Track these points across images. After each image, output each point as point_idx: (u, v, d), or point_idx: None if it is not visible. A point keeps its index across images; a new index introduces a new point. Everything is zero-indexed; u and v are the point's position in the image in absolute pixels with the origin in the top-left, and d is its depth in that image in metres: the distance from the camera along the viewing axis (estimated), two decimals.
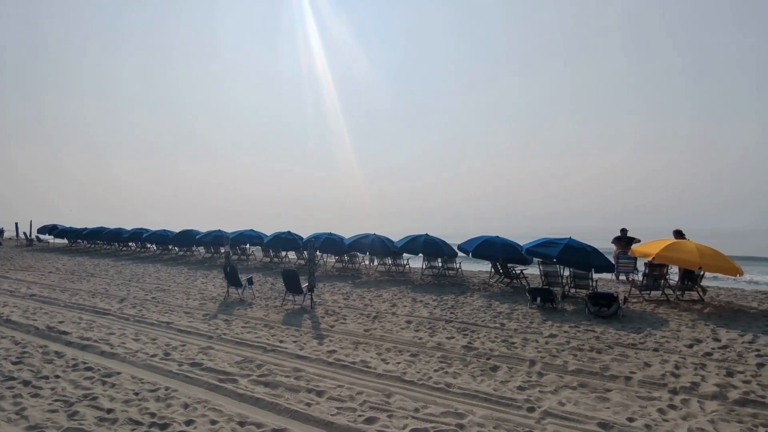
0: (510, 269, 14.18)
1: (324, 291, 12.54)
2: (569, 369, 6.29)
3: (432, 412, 4.85)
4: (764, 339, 7.88)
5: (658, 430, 4.49)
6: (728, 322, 9.17)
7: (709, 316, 9.74)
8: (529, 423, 4.61)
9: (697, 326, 8.74)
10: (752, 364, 6.51)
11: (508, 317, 9.42)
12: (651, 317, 9.56)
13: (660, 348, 7.29)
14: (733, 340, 7.80)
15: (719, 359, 6.74)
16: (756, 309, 10.60)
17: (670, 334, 8.16)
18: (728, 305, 11.03)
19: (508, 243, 13.97)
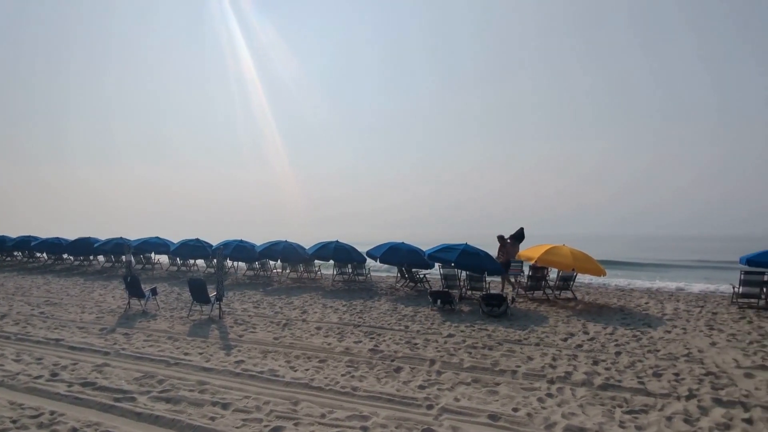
0: (414, 274, 14.58)
1: (234, 300, 12.07)
2: (464, 366, 6.53)
3: (338, 416, 4.81)
4: (621, 330, 8.75)
5: (537, 417, 4.80)
6: (595, 317, 10.07)
7: (580, 312, 10.63)
8: (428, 420, 4.74)
9: (570, 321, 9.50)
10: (612, 353, 7.18)
11: (411, 319, 9.63)
12: (534, 315, 10.23)
13: (541, 343, 7.80)
14: (598, 332, 8.56)
15: (587, 350, 7.35)
16: (616, 304, 11.76)
17: (549, 329, 8.78)
18: (595, 302, 12.12)
19: (413, 249, 14.26)
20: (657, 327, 9.01)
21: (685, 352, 7.24)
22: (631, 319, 9.82)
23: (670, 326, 9.08)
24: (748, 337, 8.15)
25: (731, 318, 9.86)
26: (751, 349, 7.36)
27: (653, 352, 7.20)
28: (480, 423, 4.68)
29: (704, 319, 9.78)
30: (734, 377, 6.06)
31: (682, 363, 6.66)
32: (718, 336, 8.26)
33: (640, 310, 10.92)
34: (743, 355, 7.05)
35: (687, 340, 7.96)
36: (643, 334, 8.42)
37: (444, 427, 4.57)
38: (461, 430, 4.51)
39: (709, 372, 6.26)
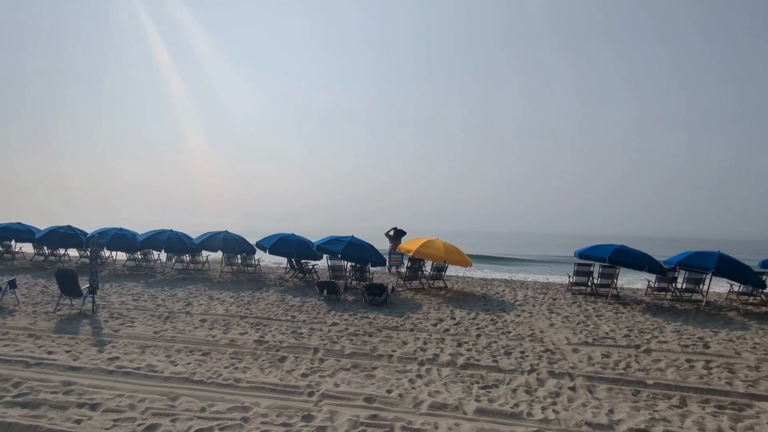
0: (303, 265, 14.50)
1: (111, 292, 11.04)
2: (346, 353, 6.70)
3: (219, 409, 4.69)
4: (482, 315, 9.55)
5: (408, 396, 5.11)
6: (462, 303, 10.86)
7: (450, 299, 11.40)
8: (308, 407, 4.81)
9: (441, 308, 10.15)
10: (473, 336, 7.84)
11: (299, 310, 9.59)
12: (411, 303, 10.75)
13: (414, 328, 8.24)
14: (463, 317, 9.26)
15: (453, 333, 7.94)
16: (479, 292, 12.77)
17: (423, 316, 9.31)
18: (462, 290, 13.06)
19: (302, 240, 14.12)
20: (510, 311, 10.01)
21: (530, 332, 8.16)
22: (491, 305, 10.78)
23: (520, 311, 10.14)
24: (577, 319, 9.42)
25: (566, 303, 11.27)
26: (578, 329, 8.52)
27: (506, 334, 8.00)
28: (356, 406, 4.87)
29: (546, 304, 11.06)
30: (565, 352, 6.98)
31: (527, 342, 7.50)
32: (556, 318, 9.43)
33: (498, 297, 12.02)
34: (573, 334, 8.14)
35: (532, 322, 8.96)
36: (499, 318, 9.31)
37: (323, 412, 4.69)
38: (338, 413, 4.66)
39: (547, 349, 7.13)
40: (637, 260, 11.46)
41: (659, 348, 7.35)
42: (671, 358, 6.80)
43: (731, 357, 7.00)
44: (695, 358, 6.87)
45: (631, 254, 11.68)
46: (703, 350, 7.32)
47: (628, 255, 11.65)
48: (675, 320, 9.55)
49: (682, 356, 6.94)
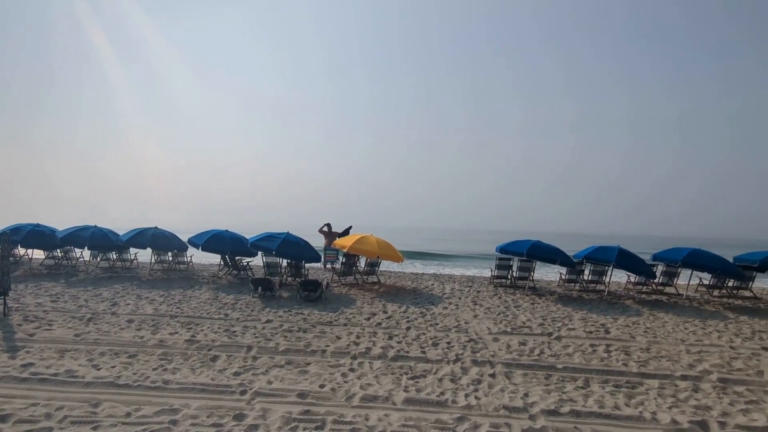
0: (237, 261, 14.04)
1: (25, 293, 10.07)
2: (280, 350, 6.58)
3: (145, 413, 4.43)
4: (412, 308, 9.75)
5: (340, 390, 5.12)
6: (393, 298, 11.03)
7: (382, 294, 11.54)
8: (241, 405, 4.69)
9: (374, 303, 10.26)
10: (404, 328, 7.98)
11: (232, 307, 9.29)
12: (345, 298, 10.76)
13: (348, 323, 8.26)
14: (394, 311, 9.40)
15: (385, 327, 8.04)
16: (410, 286, 13.03)
17: (356, 310, 9.35)
18: (394, 285, 13.26)
19: (236, 237, 13.63)
20: (438, 304, 10.31)
21: (456, 323, 8.44)
22: (420, 298, 11.04)
23: (447, 303, 10.46)
24: (498, 310, 9.86)
25: (489, 295, 11.77)
26: (499, 319, 8.94)
27: (434, 326, 8.23)
28: (289, 402, 4.81)
29: (471, 296, 11.48)
30: (486, 341, 7.30)
31: (453, 333, 7.76)
32: (479, 309, 9.82)
33: (427, 291, 12.32)
34: (494, 324, 8.52)
35: (458, 314, 9.28)
36: (428, 310, 9.56)
37: (255, 410, 4.59)
38: (271, 410, 4.58)
39: (471, 339, 7.42)
40: (551, 254, 12.20)
41: (568, 335, 7.90)
42: (578, 344, 7.33)
43: (627, 341, 7.67)
44: (598, 342, 7.46)
45: (546, 249, 12.40)
46: (604, 335, 7.95)
47: (543, 250, 12.35)
48: (582, 309, 10.29)
49: (587, 341, 7.51)
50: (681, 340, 7.76)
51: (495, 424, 4.43)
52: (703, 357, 6.83)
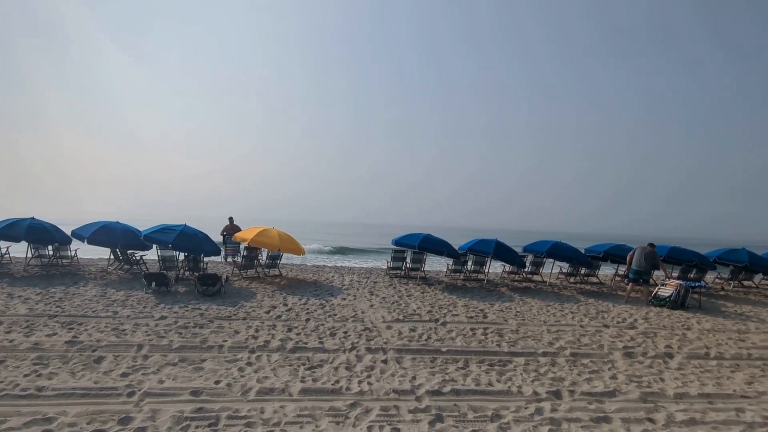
0: (130, 255, 12.80)
1: None
2: (174, 347, 6.13)
3: (12, 425, 3.85)
4: (312, 300, 9.67)
5: (236, 385, 4.92)
6: (294, 290, 10.85)
7: (284, 287, 11.30)
8: (128, 408, 4.29)
9: (274, 296, 10.01)
10: (303, 320, 7.89)
11: (122, 304, 8.43)
12: (245, 292, 10.36)
13: (248, 317, 7.96)
14: (295, 303, 9.25)
15: (285, 319, 7.88)
16: (311, 279, 12.93)
17: (256, 304, 9.05)
18: (296, 278, 13.07)
19: (129, 229, 12.38)
20: (337, 296, 10.37)
21: (353, 313, 8.54)
22: (321, 290, 11.00)
23: (346, 294, 10.55)
24: (392, 299, 10.16)
25: (384, 285, 12.09)
26: (393, 308, 9.21)
27: (332, 316, 8.26)
28: (182, 401, 4.51)
29: (368, 287, 11.69)
30: (380, 330, 7.49)
31: (350, 323, 7.86)
32: (375, 299, 10.03)
33: (328, 283, 12.32)
34: (388, 312, 8.77)
35: (355, 304, 9.40)
36: (327, 302, 9.56)
37: (144, 411, 4.23)
38: (162, 411, 4.26)
39: (366, 328, 7.55)
40: (440, 247, 12.83)
41: (452, 320, 8.39)
42: (460, 328, 7.81)
43: (501, 324, 8.34)
44: (477, 326, 8.02)
45: (435, 242, 13.00)
46: (483, 320, 8.57)
47: (433, 242, 12.95)
48: (465, 296, 11.00)
49: (468, 326, 8.04)
50: (543, 322, 8.65)
51: (385, 407, 4.58)
52: (559, 335, 7.67)
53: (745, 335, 8.31)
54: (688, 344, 7.50)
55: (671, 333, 8.22)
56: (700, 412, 4.85)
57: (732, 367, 6.48)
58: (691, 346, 7.36)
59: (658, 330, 8.40)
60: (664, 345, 7.38)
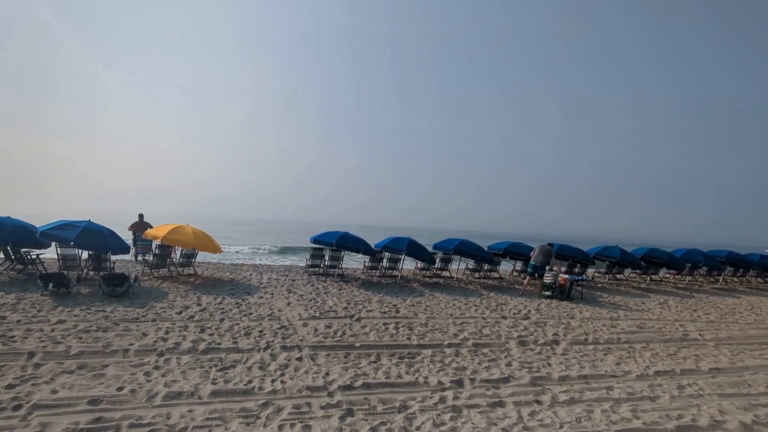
0: (24, 254, 11.28)
1: None
2: (72, 353, 5.55)
3: None
4: (228, 299, 9.28)
5: (141, 391, 4.58)
6: (209, 289, 10.32)
7: (198, 286, 10.69)
8: (12, 423, 3.81)
9: (188, 295, 9.44)
10: (217, 320, 7.55)
11: (12, 309, 7.43)
12: (156, 292, 9.65)
13: (158, 318, 7.44)
14: (209, 303, 8.81)
15: (198, 320, 7.48)
16: (228, 277, 12.38)
17: (168, 304, 8.48)
18: (212, 276, 12.44)
19: (22, 225, 10.81)
20: (254, 294, 10.03)
21: (270, 312, 8.32)
22: (237, 289, 10.57)
23: (263, 293, 10.24)
24: (309, 296, 10.05)
25: (302, 283, 11.92)
26: (310, 305, 9.11)
27: (248, 315, 7.97)
28: (77, 411, 4.11)
29: (286, 285, 11.45)
30: (297, 327, 7.39)
31: (266, 321, 7.64)
32: (293, 297, 9.85)
33: (245, 281, 11.87)
34: (305, 310, 8.66)
35: (272, 303, 9.16)
36: (243, 301, 9.21)
37: (31, 426, 3.79)
38: (53, 424, 3.84)
39: (282, 326, 7.40)
40: (356, 245, 12.92)
41: (367, 316, 8.50)
42: (374, 324, 7.94)
43: (412, 318, 8.61)
44: (389, 321, 8.20)
45: (352, 240, 13.05)
46: (395, 315, 8.77)
47: (350, 240, 12.99)
48: (379, 292, 11.18)
49: (381, 321, 8.19)
50: (450, 315, 9.07)
51: (297, 405, 4.54)
52: (464, 327, 8.09)
53: (616, 322, 9.34)
54: (572, 332, 8.28)
55: (558, 322, 9.02)
56: (578, 392, 5.38)
57: (605, 350, 7.25)
58: (573, 333, 8.14)
59: (547, 320, 9.18)
60: (552, 333, 8.09)
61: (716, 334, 8.75)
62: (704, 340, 8.28)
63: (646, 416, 4.79)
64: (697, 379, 6.12)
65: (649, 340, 8.01)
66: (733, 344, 8.11)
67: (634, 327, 8.97)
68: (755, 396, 5.61)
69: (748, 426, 4.69)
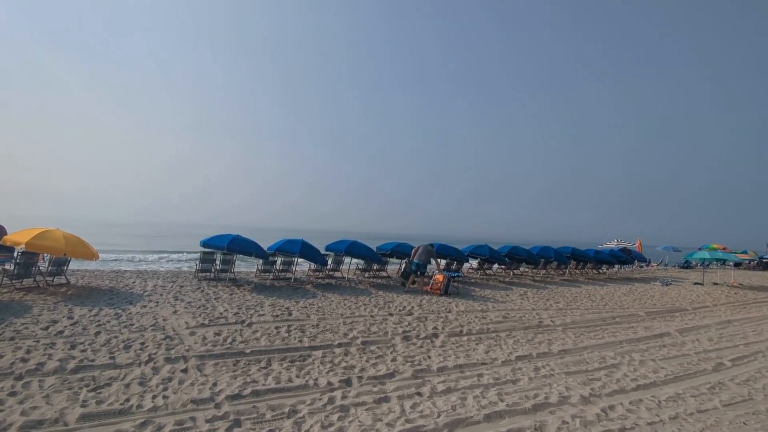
0: None
1: None
2: None
3: None
4: (106, 310, 8.31)
5: None
6: (84, 300, 9.11)
7: (71, 297, 9.36)
8: None
9: (57, 308, 8.22)
10: (92, 334, 6.72)
11: None
12: (17, 306, 8.21)
13: (17, 336, 6.35)
14: (83, 315, 7.80)
15: (68, 335, 6.58)
16: (107, 286, 11.05)
17: (31, 319, 7.29)
18: (88, 285, 10.99)
19: None
20: (137, 303, 9.09)
21: (153, 322, 7.62)
22: (118, 298, 9.47)
23: (147, 301, 9.34)
24: (198, 303, 9.39)
25: (191, 289, 11.11)
26: (198, 312, 8.53)
27: (128, 327, 7.21)
28: None
29: (173, 292, 10.58)
30: (183, 336, 6.88)
31: (149, 332, 6.99)
32: (180, 304, 9.14)
33: (127, 289, 10.68)
34: (192, 317, 8.08)
35: (157, 312, 8.40)
36: (124, 311, 8.30)
37: None
38: None
39: (167, 336, 6.84)
40: (249, 248, 12.41)
41: (258, 320, 8.21)
42: (265, 328, 7.70)
43: (304, 320, 8.49)
44: (282, 324, 8.00)
45: (244, 243, 12.51)
46: (287, 318, 8.58)
47: (242, 243, 12.43)
48: (272, 296, 10.86)
49: (273, 325, 7.97)
50: (340, 315, 9.14)
51: (180, 420, 4.25)
52: (353, 326, 8.18)
53: (486, 314, 10.22)
54: (449, 325, 8.86)
55: (438, 316, 9.62)
56: (454, 381, 5.71)
57: (477, 340, 7.82)
58: (450, 326, 8.69)
59: (428, 314, 9.76)
60: (432, 327, 8.56)
61: (564, 320, 9.96)
62: (555, 325, 9.39)
63: (509, 398, 5.25)
64: (549, 361, 6.88)
65: (512, 329, 8.83)
66: (576, 328, 9.31)
67: (500, 317, 9.85)
68: (591, 372, 6.47)
69: (587, 398, 5.42)
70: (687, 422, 4.89)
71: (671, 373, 6.55)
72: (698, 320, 10.95)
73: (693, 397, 5.66)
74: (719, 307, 13.42)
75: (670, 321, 10.66)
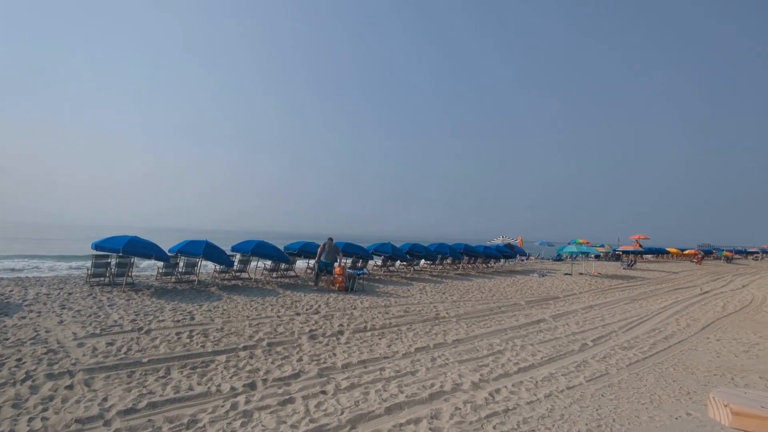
0: None
1: None
2: None
3: None
4: None
5: None
6: None
7: None
8: None
9: None
10: None
11: None
12: None
13: None
14: None
15: None
16: None
17: None
18: None
19: None
20: (14, 314, 7.89)
21: (34, 335, 6.74)
22: None
23: (27, 311, 8.18)
24: (90, 311, 8.49)
25: (82, 296, 9.95)
26: (89, 321, 7.72)
27: (2, 342, 6.29)
28: None
29: (60, 300, 9.38)
30: (69, 349, 6.20)
31: (28, 346, 6.17)
32: (67, 314, 8.17)
33: (2, 299, 9.21)
34: (81, 327, 7.29)
35: (39, 323, 7.42)
36: None
37: None
38: None
39: (50, 350, 6.10)
40: (147, 250, 11.44)
41: (158, 327, 7.65)
42: (165, 334, 7.22)
43: (207, 324, 8.02)
44: (183, 330, 7.55)
45: (141, 244, 11.51)
46: (190, 322, 8.09)
47: (139, 245, 11.41)
48: (174, 300, 10.15)
49: (174, 330, 7.49)
50: (246, 317, 8.75)
51: None
52: (259, 328, 7.90)
53: (388, 309, 10.52)
54: (354, 321, 8.97)
55: (343, 314, 9.70)
56: (357, 377, 5.63)
57: (380, 335, 7.98)
58: (355, 323, 8.79)
59: (334, 312, 9.81)
60: (338, 324, 8.59)
61: (457, 311, 10.56)
62: (449, 317, 9.92)
63: (408, 389, 5.32)
64: (444, 351, 7.26)
65: (412, 322, 9.17)
66: (468, 318, 9.94)
67: (401, 312, 10.17)
68: (481, 359, 6.98)
69: (476, 384, 5.81)
70: (559, 398, 5.59)
71: (546, 356, 7.44)
72: (568, 306, 12.61)
73: (563, 376, 6.48)
74: (584, 294, 15.56)
75: (545, 308, 12.09)
